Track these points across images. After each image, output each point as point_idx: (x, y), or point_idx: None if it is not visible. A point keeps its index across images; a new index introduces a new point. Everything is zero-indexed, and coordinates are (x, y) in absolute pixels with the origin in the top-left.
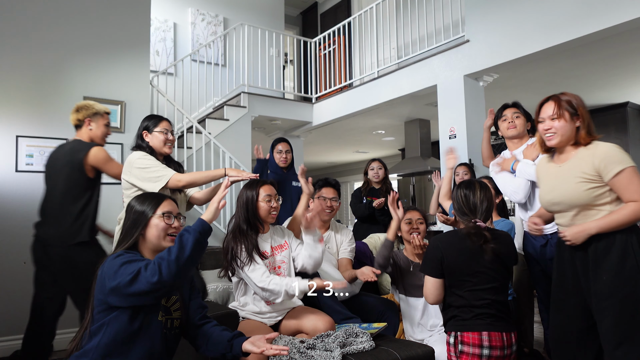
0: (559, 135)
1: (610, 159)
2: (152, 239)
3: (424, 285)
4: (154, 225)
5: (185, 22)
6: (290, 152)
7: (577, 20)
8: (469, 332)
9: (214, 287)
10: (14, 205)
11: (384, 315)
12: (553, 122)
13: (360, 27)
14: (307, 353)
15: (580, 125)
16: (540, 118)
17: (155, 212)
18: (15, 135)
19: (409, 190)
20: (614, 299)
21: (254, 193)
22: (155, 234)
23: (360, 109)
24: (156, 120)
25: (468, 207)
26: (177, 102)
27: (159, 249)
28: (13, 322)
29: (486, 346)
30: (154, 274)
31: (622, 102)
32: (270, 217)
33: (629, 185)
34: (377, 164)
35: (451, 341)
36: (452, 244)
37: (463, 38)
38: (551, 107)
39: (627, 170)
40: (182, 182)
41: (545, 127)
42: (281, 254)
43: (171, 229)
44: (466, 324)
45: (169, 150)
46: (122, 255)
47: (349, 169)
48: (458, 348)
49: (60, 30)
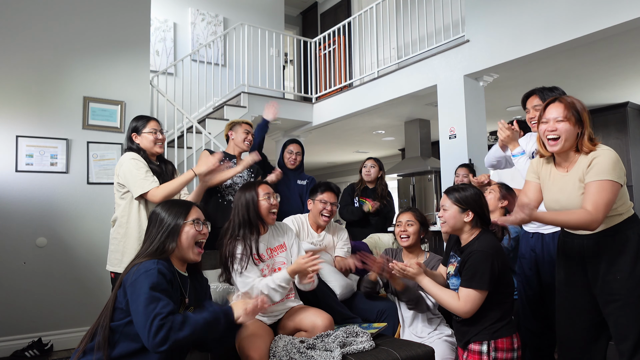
0: (562, 140)
1: (599, 167)
2: (181, 247)
3: (462, 300)
4: (185, 233)
5: (185, 22)
6: (301, 155)
7: (577, 20)
8: (503, 337)
9: (214, 287)
10: (13, 205)
11: (383, 315)
12: (558, 124)
13: (360, 27)
14: (307, 353)
15: (583, 132)
16: (545, 119)
17: (187, 220)
18: (15, 135)
19: (409, 190)
20: (628, 298)
21: (253, 193)
22: (185, 242)
23: (360, 109)
24: (144, 120)
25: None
26: (177, 102)
27: (185, 258)
28: (13, 322)
29: (515, 348)
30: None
31: (622, 102)
32: (270, 217)
33: (594, 194)
34: (370, 162)
35: (484, 349)
36: (499, 250)
37: (463, 38)
38: (558, 109)
39: (604, 182)
40: (158, 198)
41: (549, 129)
42: (280, 255)
43: (200, 236)
44: (502, 330)
45: (161, 150)
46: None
47: (349, 169)
48: (491, 356)
49: (60, 29)
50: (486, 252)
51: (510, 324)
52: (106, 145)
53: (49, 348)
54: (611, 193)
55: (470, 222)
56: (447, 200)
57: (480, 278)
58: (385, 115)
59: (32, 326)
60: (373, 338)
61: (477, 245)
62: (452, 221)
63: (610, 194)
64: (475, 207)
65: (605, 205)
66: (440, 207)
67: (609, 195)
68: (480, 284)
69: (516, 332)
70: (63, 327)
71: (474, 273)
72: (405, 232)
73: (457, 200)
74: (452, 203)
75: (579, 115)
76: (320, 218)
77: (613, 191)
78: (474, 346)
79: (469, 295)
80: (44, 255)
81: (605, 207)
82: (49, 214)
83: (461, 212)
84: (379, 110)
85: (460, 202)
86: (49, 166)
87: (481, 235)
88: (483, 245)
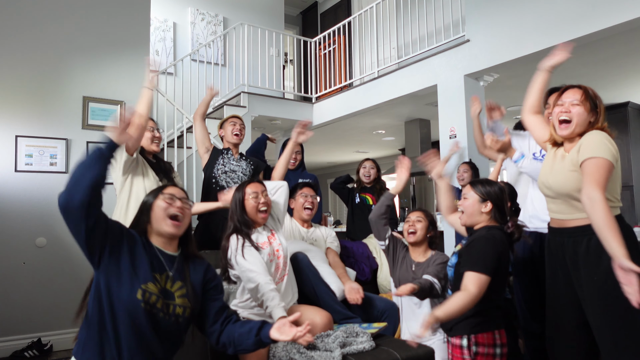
0: (574, 124)
1: (589, 145)
2: (154, 221)
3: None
4: (156, 207)
5: (185, 21)
6: (301, 154)
7: (577, 20)
8: (483, 332)
9: None
10: (13, 205)
11: (383, 315)
12: (573, 107)
13: (360, 27)
14: (307, 353)
15: (596, 121)
16: (561, 101)
17: (158, 196)
18: (15, 135)
19: (409, 190)
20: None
21: (240, 193)
22: (156, 215)
23: (360, 109)
24: None
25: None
26: (177, 102)
27: (161, 232)
28: (12, 323)
29: (498, 344)
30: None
31: (623, 102)
32: (259, 215)
33: (593, 173)
34: (369, 163)
35: (464, 344)
36: (504, 248)
37: (463, 38)
38: (576, 94)
39: (598, 159)
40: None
41: (562, 110)
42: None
43: (172, 209)
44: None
45: (157, 148)
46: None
47: (349, 169)
48: (472, 350)
49: (60, 29)
50: (491, 240)
51: (493, 320)
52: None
53: (48, 348)
54: (607, 170)
55: (489, 212)
56: (470, 190)
57: (484, 262)
58: (385, 115)
59: (32, 326)
60: (373, 338)
61: (487, 233)
62: (470, 209)
63: (603, 170)
64: (495, 199)
65: (600, 181)
66: (462, 197)
67: (602, 172)
68: (484, 268)
69: (502, 328)
70: (63, 328)
71: (479, 257)
72: (413, 226)
73: (479, 189)
74: (474, 192)
75: (594, 104)
76: (304, 212)
77: (608, 168)
78: (455, 340)
79: (475, 278)
80: (43, 255)
81: (602, 184)
82: (48, 214)
83: (480, 201)
84: (379, 110)
85: (481, 191)
86: (49, 166)
87: (493, 228)
88: (492, 233)
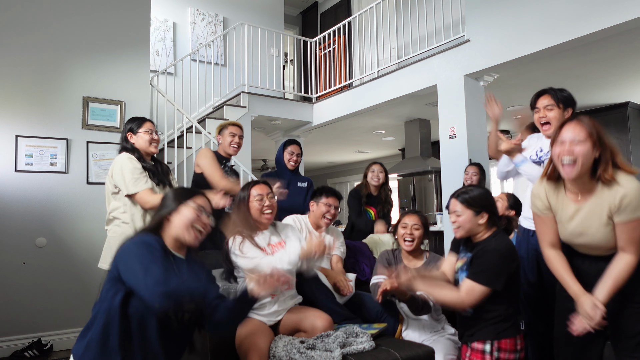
0: (579, 164)
1: (632, 203)
2: (176, 225)
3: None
4: (183, 213)
5: (185, 21)
6: (300, 155)
7: (577, 20)
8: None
9: None
10: (13, 205)
11: (383, 315)
12: (575, 146)
13: (360, 27)
14: (307, 353)
15: (602, 156)
16: (561, 140)
17: (188, 202)
18: (15, 135)
19: (409, 191)
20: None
21: (245, 194)
22: (180, 222)
23: (360, 109)
24: (139, 121)
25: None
26: (177, 102)
27: (179, 239)
28: (13, 322)
29: (518, 349)
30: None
31: (623, 102)
32: (264, 217)
33: (632, 233)
34: (378, 167)
35: (487, 349)
36: (514, 252)
37: (463, 38)
38: (576, 129)
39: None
40: (150, 204)
41: (565, 152)
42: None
43: (198, 222)
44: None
45: (155, 150)
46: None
47: (349, 169)
48: (494, 355)
49: (60, 30)
50: (502, 252)
51: (515, 325)
52: (106, 145)
53: (48, 348)
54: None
55: (486, 222)
56: (458, 204)
57: (489, 275)
58: (385, 115)
59: (32, 326)
60: (373, 338)
61: (494, 244)
62: (467, 225)
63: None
64: (488, 207)
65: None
66: (451, 212)
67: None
68: (489, 280)
69: (520, 333)
70: (63, 327)
71: (484, 269)
72: (411, 235)
73: (469, 203)
74: (465, 207)
75: (598, 137)
76: (322, 220)
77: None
78: (477, 345)
79: (473, 288)
80: (43, 255)
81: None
82: (48, 214)
83: (476, 215)
84: (379, 110)
85: (472, 205)
86: (49, 166)
87: (497, 234)
88: (500, 245)
